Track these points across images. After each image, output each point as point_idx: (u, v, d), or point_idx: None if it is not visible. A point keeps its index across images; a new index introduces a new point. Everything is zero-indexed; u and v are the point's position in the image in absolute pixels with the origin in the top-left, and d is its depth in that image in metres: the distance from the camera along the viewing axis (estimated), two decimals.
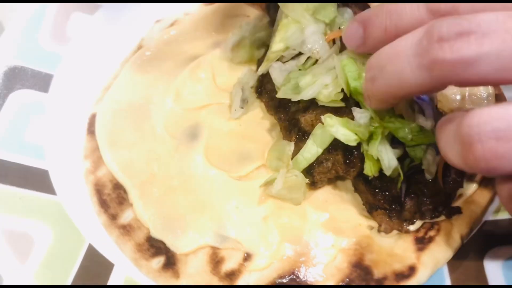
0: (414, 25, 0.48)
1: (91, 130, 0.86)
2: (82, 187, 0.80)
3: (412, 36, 0.46)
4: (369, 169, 0.68)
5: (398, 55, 0.46)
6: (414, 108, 0.69)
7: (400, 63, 0.46)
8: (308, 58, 0.76)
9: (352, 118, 0.69)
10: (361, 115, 0.68)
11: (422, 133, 0.66)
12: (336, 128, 0.68)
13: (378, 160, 0.67)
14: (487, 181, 0.74)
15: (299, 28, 0.76)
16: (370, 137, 0.67)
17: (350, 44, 0.62)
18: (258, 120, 0.84)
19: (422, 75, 0.44)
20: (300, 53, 0.77)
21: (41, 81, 0.89)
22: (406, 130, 0.66)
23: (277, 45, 0.78)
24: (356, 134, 0.67)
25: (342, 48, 0.74)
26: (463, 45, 0.40)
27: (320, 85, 0.71)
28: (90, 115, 0.88)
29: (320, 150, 0.70)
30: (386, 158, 0.66)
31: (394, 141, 0.68)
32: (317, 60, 0.76)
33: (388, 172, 0.66)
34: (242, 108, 0.84)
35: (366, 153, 0.68)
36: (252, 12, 0.97)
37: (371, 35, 0.56)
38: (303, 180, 0.73)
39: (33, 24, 0.93)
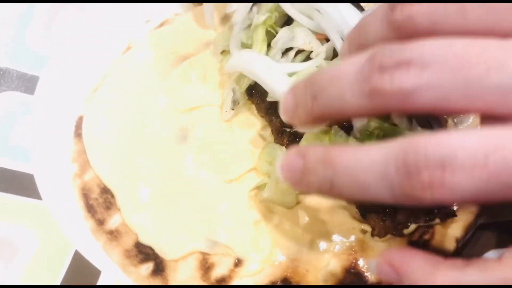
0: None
1: (78, 133, 0.84)
2: (68, 192, 0.78)
3: (356, 60, 0.44)
4: None
5: (340, 78, 0.45)
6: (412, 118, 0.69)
7: (342, 87, 0.44)
8: (297, 54, 0.75)
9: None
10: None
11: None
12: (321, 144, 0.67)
13: None
14: None
15: (288, 29, 0.75)
16: (362, 141, 0.66)
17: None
18: (250, 122, 0.82)
19: (362, 102, 0.43)
20: (287, 50, 0.76)
21: (27, 83, 0.87)
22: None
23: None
24: None
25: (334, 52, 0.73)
26: (402, 75, 0.40)
27: None
28: (77, 118, 0.86)
29: None
30: None
31: None
32: (308, 56, 0.75)
33: None
34: (233, 109, 0.82)
35: None
36: None
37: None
38: None
39: (19, 25, 0.91)
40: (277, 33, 0.78)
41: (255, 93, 0.81)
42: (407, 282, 0.46)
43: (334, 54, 0.74)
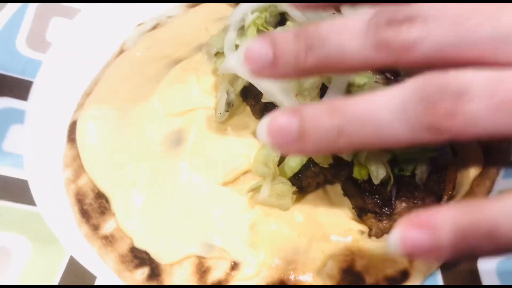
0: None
1: (71, 138, 0.83)
2: (62, 197, 0.78)
3: (358, 17, 0.44)
4: (358, 173, 0.67)
5: (343, 31, 0.44)
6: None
7: (345, 39, 0.44)
8: None
9: None
10: None
11: (413, 148, 0.64)
12: None
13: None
14: (479, 182, 0.73)
15: (281, 29, 0.74)
16: None
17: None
18: (244, 124, 0.82)
19: (367, 53, 0.43)
20: None
21: (20, 88, 0.86)
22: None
23: None
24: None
25: None
26: (407, 29, 0.41)
27: (294, 90, 0.70)
28: (70, 122, 0.85)
29: (305, 159, 0.68)
30: (375, 167, 0.64)
31: None
32: None
33: (376, 181, 0.65)
34: (227, 111, 0.82)
35: (355, 156, 0.66)
36: None
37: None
38: (290, 187, 0.71)
39: (11, 30, 0.90)
40: None
41: (250, 94, 0.81)
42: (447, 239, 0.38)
43: None
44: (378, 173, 0.65)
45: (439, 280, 0.68)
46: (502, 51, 0.40)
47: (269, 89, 0.72)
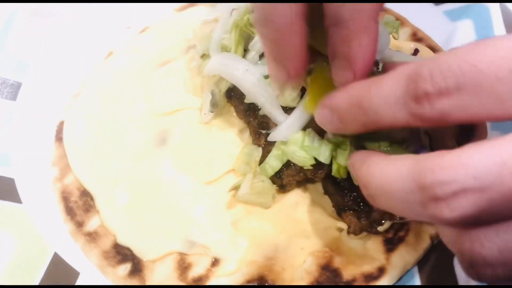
0: (397, 124, 0.48)
1: (59, 137, 0.85)
2: (49, 195, 0.79)
3: (402, 176, 0.45)
4: (337, 171, 0.68)
5: (392, 195, 0.46)
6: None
7: (397, 203, 0.46)
8: None
9: None
10: None
11: (391, 149, 0.63)
12: (292, 155, 0.68)
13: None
14: None
15: None
16: (339, 146, 0.66)
17: (328, 129, 0.61)
18: (229, 124, 0.83)
19: (423, 218, 0.45)
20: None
21: (9, 89, 0.88)
22: (376, 144, 0.66)
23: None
24: (314, 156, 0.67)
25: None
26: (460, 203, 0.41)
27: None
28: (58, 122, 0.87)
29: (286, 158, 0.70)
30: None
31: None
32: None
33: (356, 182, 0.66)
34: (212, 112, 0.83)
35: (334, 157, 0.67)
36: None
37: (349, 126, 0.55)
38: (271, 186, 0.72)
39: (1, 32, 0.92)
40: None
41: (234, 95, 0.82)
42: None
43: None
44: None
45: (415, 276, 0.69)
46: None
47: (251, 92, 0.74)
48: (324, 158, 0.66)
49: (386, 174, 0.47)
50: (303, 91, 0.72)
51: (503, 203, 0.40)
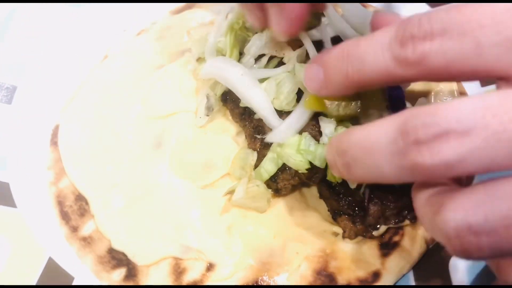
0: (379, 72, 0.48)
1: (54, 141, 0.85)
2: (43, 199, 0.79)
3: (385, 128, 0.44)
4: (332, 176, 0.67)
5: (373, 151, 0.45)
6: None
7: (377, 159, 0.44)
8: (270, 60, 0.76)
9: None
10: (327, 125, 0.68)
11: None
12: (287, 158, 0.68)
13: None
14: None
15: (260, 35, 0.76)
16: None
17: (311, 86, 0.59)
18: (224, 128, 0.83)
19: (403, 174, 0.43)
20: (260, 56, 0.77)
21: (4, 92, 0.88)
22: None
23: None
24: (309, 160, 0.66)
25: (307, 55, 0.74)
26: (442, 147, 0.39)
27: (272, 94, 0.71)
28: (53, 126, 0.87)
29: (281, 162, 0.70)
30: None
31: None
32: (280, 62, 0.76)
33: (353, 186, 0.66)
34: (207, 115, 0.83)
35: None
36: None
37: (332, 80, 0.54)
38: (266, 190, 0.72)
39: None
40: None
41: (229, 99, 0.82)
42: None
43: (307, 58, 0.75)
44: None
45: (411, 280, 0.69)
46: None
47: (246, 96, 0.74)
48: (319, 162, 0.66)
49: (366, 132, 0.46)
50: (299, 95, 0.72)
51: (485, 149, 0.38)
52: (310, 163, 0.67)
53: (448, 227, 0.40)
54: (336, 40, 0.75)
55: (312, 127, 0.70)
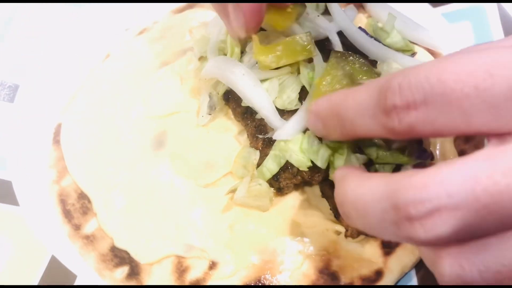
0: (372, 134, 0.49)
1: (56, 140, 0.85)
2: (46, 198, 0.79)
3: (377, 197, 0.44)
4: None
5: (366, 214, 0.45)
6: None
7: (371, 223, 0.45)
8: None
9: None
10: None
11: (390, 154, 0.64)
12: (290, 153, 0.68)
13: None
14: None
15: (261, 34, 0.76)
16: (336, 150, 0.66)
17: (316, 133, 0.64)
18: (226, 127, 0.83)
19: (398, 239, 0.44)
20: None
21: (7, 91, 0.88)
22: (373, 148, 0.66)
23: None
24: (311, 159, 0.67)
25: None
26: (435, 223, 0.40)
27: (274, 93, 0.71)
28: (56, 125, 0.87)
29: (284, 161, 0.70)
30: None
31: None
32: None
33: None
34: (209, 114, 0.83)
35: (332, 161, 0.67)
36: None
37: (331, 133, 0.57)
38: (268, 189, 0.72)
39: None
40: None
41: (232, 98, 0.82)
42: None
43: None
44: None
45: (413, 279, 0.69)
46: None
47: (248, 96, 0.74)
48: (321, 162, 0.66)
49: (359, 193, 0.46)
50: (302, 94, 0.72)
51: (478, 221, 0.39)
52: (312, 162, 0.68)
53: (446, 279, 0.42)
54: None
55: None
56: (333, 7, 0.79)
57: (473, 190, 0.38)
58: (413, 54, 0.87)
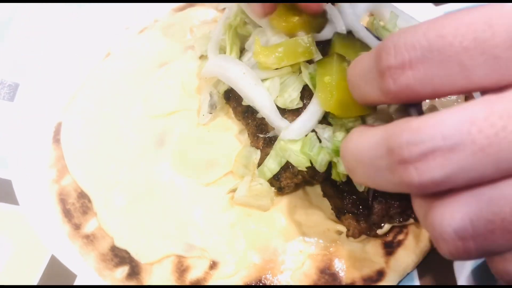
0: (377, 100, 0.47)
1: (56, 139, 0.84)
2: (46, 197, 0.79)
3: (373, 143, 0.44)
4: (337, 175, 0.67)
5: (364, 163, 0.45)
6: None
7: (369, 172, 0.45)
8: None
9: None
10: (323, 131, 0.67)
11: None
12: (289, 153, 0.68)
13: None
14: None
15: (259, 31, 0.75)
16: (338, 154, 0.65)
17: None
18: (227, 126, 0.83)
19: (394, 187, 0.43)
20: None
21: (7, 90, 0.87)
22: None
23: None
24: (310, 160, 0.67)
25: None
26: (429, 166, 0.39)
27: (275, 92, 0.71)
28: (56, 124, 0.86)
29: (284, 160, 0.69)
30: None
31: None
32: None
33: (361, 189, 0.66)
34: (210, 113, 0.83)
35: (334, 162, 0.67)
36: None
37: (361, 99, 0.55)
38: (269, 188, 0.72)
39: None
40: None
41: (232, 96, 0.82)
42: None
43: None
44: None
45: (415, 279, 0.69)
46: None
47: (248, 95, 0.73)
48: (320, 166, 0.66)
49: (359, 142, 0.46)
50: (303, 93, 0.71)
51: (473, 164, 0.38)
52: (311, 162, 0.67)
53: (436, 232, 0.41)
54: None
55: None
56: (341, 4, 0.78)
57: (469, 132, 0.38)
58: None
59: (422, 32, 0.41)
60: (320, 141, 0.67)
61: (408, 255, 0.69)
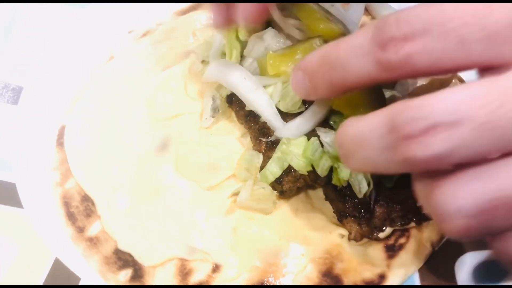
0: (363, 77, 0.47)
1: (60, 142, 0.85)
2: (50, 200, 0.79)
3: (375, 123, 0.44)
4: (337, 180, 0.67)
5: (365, 145, 0.45)
6: None
7: (369, 153, 0.45)
8: None
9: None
10: (326, 135, 0.68)
11: None
12: (291, 157, 0.68)
13: None
14: None
15: (257, 36, 0.76)
16: (339, 160, 0.66)
17: (299, 93, 0.59)
18: (229, 129, 0.83)
19: (396, 167, 0.44)
20: None
21: (11, 93, 0.88)
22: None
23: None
24: (312, 164, 0.67)
25: None
26: (431, 140, 0.39)
27: (277, 97, 0.71)
28: (59, 127, 0.87)
29: (286, 164, 0.70)
30: (357, 183, 0.66)
31: None
32: None
33: (360, 195, 0.66)
34: (213, 117, 0.83)
35: (335, 168, 0.67)
36: None
37: (318, 87, 0.55)
38: (271, 192, 0.72)
39: (2, 35, 0.92)
40: None
41: (235, 100, 0.82)
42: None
43: None
44: (361, 189, 0.66)
45: (417, 282, 0.69)
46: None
47: (249, 100, 0.74)
48: (321, 171, 0.67)
49: (359, 125, 0.46)
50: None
51: (474, 140, 0.39)
52: (313, 166, 0.68)
53: (439, 211, 0.41)
54: None
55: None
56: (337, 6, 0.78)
57: (470, 107, 0.38)
58: None
59: (424, 7, 0.42)
60: (322, 146, 0.68)
61: (409, 258, 0.69)
